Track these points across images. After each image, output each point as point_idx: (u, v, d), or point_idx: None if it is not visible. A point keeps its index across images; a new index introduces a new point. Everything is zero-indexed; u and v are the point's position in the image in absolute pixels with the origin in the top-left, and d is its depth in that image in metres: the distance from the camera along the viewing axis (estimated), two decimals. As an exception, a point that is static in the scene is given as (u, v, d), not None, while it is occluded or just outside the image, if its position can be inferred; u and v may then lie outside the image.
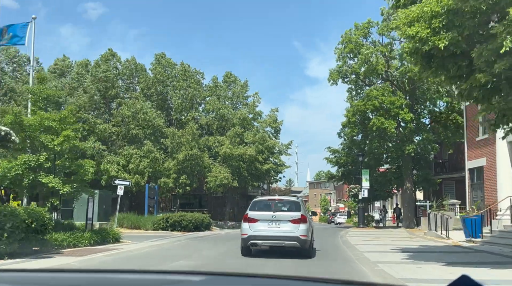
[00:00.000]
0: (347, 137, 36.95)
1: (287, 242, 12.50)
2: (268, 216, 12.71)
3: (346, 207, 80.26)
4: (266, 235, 12.50)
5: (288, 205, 13.66)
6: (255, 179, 35.32)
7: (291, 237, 12.41)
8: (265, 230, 12.55)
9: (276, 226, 12.61)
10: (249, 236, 12.58)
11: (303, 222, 12.69)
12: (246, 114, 35.50)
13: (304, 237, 12.49)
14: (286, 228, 12.56)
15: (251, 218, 12.79)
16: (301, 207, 13.41)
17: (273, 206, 13.45)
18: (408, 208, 34.16)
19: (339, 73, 35.29)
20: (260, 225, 12.61)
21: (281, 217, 12.74)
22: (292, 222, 12.61)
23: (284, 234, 12.46)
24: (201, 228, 28.37)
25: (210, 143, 34.72)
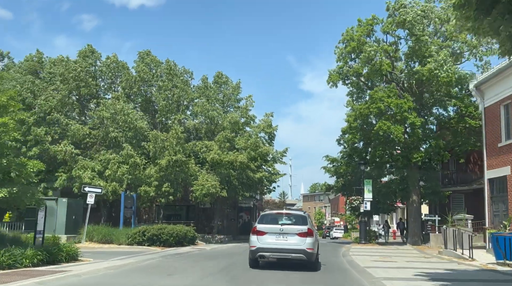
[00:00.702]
0: (347, 144, 33.87)
1: (294, 255, 12.95)
2: (276, 229, 13.18)
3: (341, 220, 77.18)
4: (273, 247, 12.95)
5: (295, 219, 13.95)
6: (246, 188, 32.03)
7: (298, 250, 12.82)
8: (273, 242, 12.99)
9: (284, 239, 13.02)
10: (258, 248, 13.04)
11: (310, 236, 13.08)
12: (237, 118, 32.31)
13: (310, 250, 12.90)
14: (293, 241, 12.98)
15: (259, 230, 13.27)
16: (307, 221, 13.73)
17: (281, 219, 13.88)
18: (415, 223, 31.00)
19: (340, 74, 32.33)
20: (268, 237, 13.07)
21: (288, 230, 13.13)
22: (299, 235, 13.00)
23: (291, 246, 12.90)
24: (184, 243, 25.03)
25: (197, 148, 31.46)
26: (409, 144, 29.62)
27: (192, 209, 38.71)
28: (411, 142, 29.55)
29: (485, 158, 23.05)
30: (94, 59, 33.19)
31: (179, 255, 18.50)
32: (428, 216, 30.45)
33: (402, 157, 29.43)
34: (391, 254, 21.03)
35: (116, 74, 33.71)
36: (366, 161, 31.67)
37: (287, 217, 14.25)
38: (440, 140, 29.45)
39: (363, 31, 31.15)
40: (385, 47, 29.71)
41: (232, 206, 38.72)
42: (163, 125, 31.81)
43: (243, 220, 40.26)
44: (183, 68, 33.34)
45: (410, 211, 31.44)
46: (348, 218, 56.60)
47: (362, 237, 30.60)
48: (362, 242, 30.25)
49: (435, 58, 27.13)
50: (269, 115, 34.72)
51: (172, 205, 38.12)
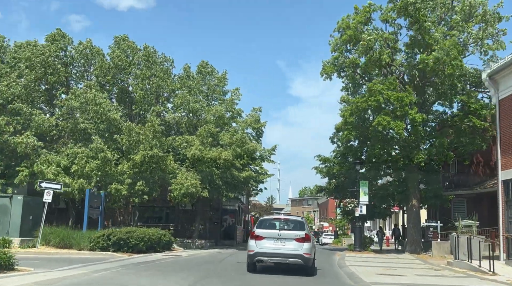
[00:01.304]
0: (341, 142, 31.12)
1: (291, 260, 13.11)
2: (274, 234, 13.35)
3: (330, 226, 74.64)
4: (271, 252, 13.08)
5: (293, 224, 14.15)
6: (231, 188, 29.10)
7: (296, 254, 13.00)
8: (271, 247, 13.12)
9: (282, 244, 13.17)
10: (256, 253, 13.20)
11: (307, 241, 13.27)
12: (223, 112, 29.43)
13: (307, 255, 13.09)
14: (291, 246, 13.14)
15: (258, 235, 13.39)
16: (305, 227, 13.98)
17: (279, 224, 14.18)
18: (414, 229, 28.28)
19: (335, 65, 29.59)
20: (266, 242, 13.21)
21: (286, 235, 13.28)
22: (296, 241, 13.16)
23: (289, 251, 13.06)
24: (157, 248, 22.05)
25: (177, 144, 28.50)
26: (409, 142, 26.94)
27: (172, 211, 35.71)
28: (411, 140, 26.87)
29: (499, 156, 20.42)
30: (65, 44, 30.08)
31: (145, 264, 15.51)
32: (429, 221, 27.79)
33: (403, 157, 26.71)
34: (394, 265, 18.25)
35: (89, 61, 30.65)
36: (362, 160, 28.94)
37: (285, 222, 14.49)
38: (444, 139, 26.82)
39: (360, 19, 28.41)
40: (385, 36, 27.04)
41: (216, 208, 35.76)
42: (140, 118, 28.81)
43: (227, 224, 37.32)
44: (163, 55, 30.44)
45: (409, 216, 28.76)
46: (338, 223, 53.89)
47: (357, 243, 27.82)
48: (357, 249, 27.47)
49: (441, 46, 24.53)
50: (257, 110, 31.93)
51: (150, 206, 35.13)
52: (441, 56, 24.41)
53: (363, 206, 28.00)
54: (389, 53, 26.76)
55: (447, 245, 25.70)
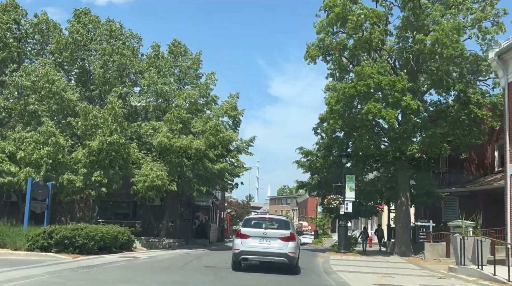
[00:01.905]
0: (326, 133, 28.40)
1: (276, 258, 13.34)
2: (259, 233, 13.58)
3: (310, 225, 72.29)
4: (257, 250, 13.28)
5: (278, 223, 14.38)
6: (203, 182, 26.06)
7: (281, 253, 13.19)
8: (256, 246, 13.33)
9: (267, 243, 13.34)
10: (241, 251, 13.41)
11: (292, 240, 13.46)
12: (196, 96, 26.37)
13: (292, 254, 13.32)
14: (276, 245, 13.31)
15: (243, 234, 13.63)
16: (290, 226, 14.23)
17: (264, 223, 14.58)
18: (404, 229, 25.74)
19: (320, 48, 26.80)
20: (252, 241, 13.42)
21: (271, 234, 13.48)
22: (281, 240, 13.36)
23: (274, 250, 13.24)
24: (113, 249, 18.93)
25: (143, 131, 25.35)
26: (401, 133, 24.36)
27: (140, 206, 32.50)
28: (403, 131, 24.29)
29: (507, 146, 17.89)
30: (18, 15, 26.58)
31: (86, 269, 12.42)
32: (421, 221, 25.25)
33: (394, 149, 24.08)
34: (389, 271, 15.52)
35: (46, 38, 27.21)
36: (348, 153, 26.25)
37: (271, 222, 14.76)
38: (437, 130, 24.33)
39: (349, -3, 25.70)
40: (377, 12, 24.31)
41: (187, 203, 32.67)
42: (103, 102, 25.48)
43: (199, 221, 34.26)
44: (130, 32, 27.12)
45: (398, 215, 26.19)
46: (319, 222, 51.29)
47: (342, 244, 25.10)
48: (341, 251, 24.76)
49: (441, 27, 21.96)
50: (234, 97, 28.95)
51: (113, 201, 31.85)
52: (441, 37, 21.84)
53: (349, 203, 25.32)
54: (381, 31, 24.04)
55: (441, 247, 23.22)
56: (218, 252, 25.28)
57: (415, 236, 26.26)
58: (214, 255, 22.31)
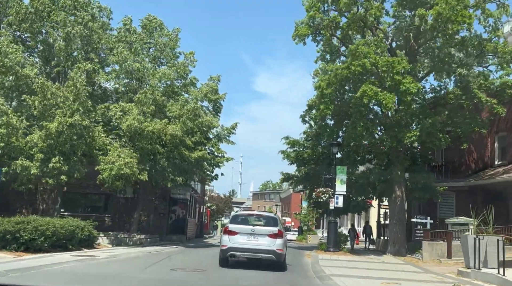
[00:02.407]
0: (315, 120, 26.00)
1: (264, 255, 13.27)
2: (247, 230, 13.49)
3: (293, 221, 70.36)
4: (245, 247, 13.20)
5: (266, 220, 14.26)
6: (179, 172, 23.48)
7: (268, 250, 13.13)
8: (244, 242, 13.25)
9: (255, 240, 13.30)
10: (229, 248, 13.27)
11: (280, 237, 13.40)
12: (172, 76, 23.73)
13: (280, 251, 13.26)
14: (264, 241, 13.26)
15: (231, 230, 13.55)
16: (278, 223, 14.24)
17: (252, 220, 14.35)
18: (398, 226, 23.51)
19: (310, 27, 24.33)
20: (240, 237, 13.36)
21: (259, 231, 13.43)
22: (269, 236, 13.30)
23: (262, 247, 13.17)
24: (68, 246, 16.26)
25: (111, 113, 22.62)
26: (398, 121, 22.09)
27: (112, 199, 29.81)
28: (400, 118, 22.02)
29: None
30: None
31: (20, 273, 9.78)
32: (417, 217, 23.04)
33: (390, 137, 21.76)
34: (392, 275, 13.18)
35: (5, 9, 24.22)
36: (339, 143, 23.90)
37: (258, 218, 14.52)
38: (437, 118, 22.13)
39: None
40: (374, -15, 21.94)
41: (163, 196, 30.05)
42: (64, 78, 22.65)
43: (176, 216, 31.65)
44: (98, 3, 24.24)
45: (392, 211, 23.96)
46: (303, 218, 49.07)
47: (331, 242, 22.73)
48: (330, 250, 22.41)
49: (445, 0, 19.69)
50: (216, 79, 26.32)
51: (82, 193, 29.17)
52: (445, 12, 19.57)
53: (339, 196, 22.99)
54: (379, 7, 21.70)
55: (440, 246, 21.03)
56: (194, 250, 22.74)
57: (411, 233, 24.08)
58: (189, 254, 19.79)
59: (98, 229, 25.92)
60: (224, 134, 27.14)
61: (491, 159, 26.29)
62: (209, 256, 18.79)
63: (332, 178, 23.50)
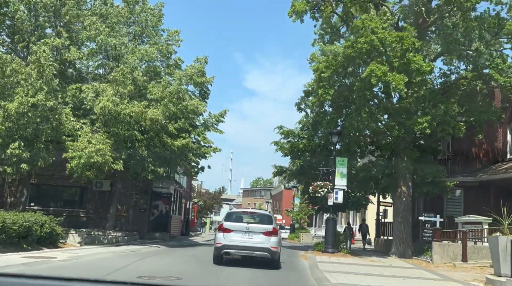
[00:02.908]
0: (312, 108, 23.55)
1: (258, 253, 13.18)
2: (242, 227, 13.36)
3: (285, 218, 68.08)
4: (239, 245, 13.14)
5: (261, 218, 14.31)
6: (161, 162, 20.94)
7: (263, 248, 13.06)
8: (239, 240, 13.16)
9: (249, 237, 13.22)
10: (223, 245, 13.18)
11: (274, 235, 13.36)
12: (154, 54, 21.15)
13: (274, 249, 13.20)
14: (258, 239, 13.19)
15: (226, 228, 13.38)
16: (273, 221, 14.20)
17: (247, 218, 14.43)
18: (404, 225, 21.18)
19: (308, 2, 21.92)
20: (234, 235, 13.21)
21: (254, 229, 13.30)
22: (264, 234, 13.20)
23: (257, 245, 13.10)
24: (23, 245, 13.69)
25: (84, 95, 19.96)
26: (406, 107, 19.69)
27: (89, 192, 27.23)
28: (409, 104, 19.63)
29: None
30: None
31: None
32: (425, 215, 20.69)
33: (397, 124, 19.35)
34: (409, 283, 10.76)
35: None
36: (340, 131, 21.48)
37: (253, 216, 14.69)
38: (452, 105, 19.79)
39: None
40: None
41: (144, 190, 27.47)
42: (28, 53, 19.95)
43: (158, 211, 29.06)
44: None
45: (397, 208, 21.58)
46: (296, 216, 46.69)
47: (329, 242, 20.30)
48: (328, 250, 19.99)
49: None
50: (202, 61, 23.76)
51: (54, 185, 26.60)
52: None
53: (339, 191, 20.60)
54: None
55: (452, 248, 18.72)
56: (176, 250, 20.21)
57: (416, 233, 21.74)
58: (168, 255, 17.28)
59: (72, 225, 23.39)
60: (211, 122, 24.63)
61: (503, 152, 24.09)
62: (191, 258, 16.32)
63: (331, 171, 21.11)
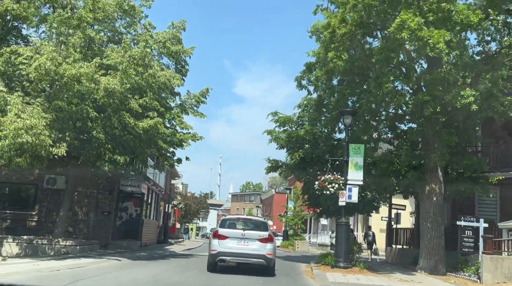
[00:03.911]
0: (317, 84, 18.71)
1: (254, 260, 13.12)
2: (237, 234, 13.35)
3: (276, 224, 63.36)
4: (235, 252, 13.06)
5: (256, 225, 14.20)
6: (122, 149, 16.01)
7: (259, 255, 13.02)
8: (234, 247, 13.09)
9: (245, 244, 13.17)
10: (219, 252, 13.08)
11: (270, 242, 13.35)
12: (112, 8, 16.25)
13: (270, 256, 13.16)
14: (254, 246, 13.15)
15: (221, 234, 13.36)
16: (268, 227, 14.07)
17: (243, 224, 14.32)
18: (434, 232, 16.41)
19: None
20: (230, 242, 13.19)
21: (250, 236, 13.29)
22: (260, 241, 13.20)
23: (252, 252, 13.06)
24: None
25: (19, 59, 14.95)
26: (443, 77, 14.91)
27: (40, 190, 22.21)
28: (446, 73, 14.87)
29: None
30: None
31: None
32: (466, 219, 15.90)
33: (430, 97, 14.58)
34: None
35: None
36: (355, 110, 16.67)
37: (249, 223, 14.52)
38: (499, 76, 15.11)
39: None
40: None
41: (108, 189, 22.39)
42: None
43: (127, 215, 24.00)
44: None
45: (426, 210, 16.75)
46: (290, 221, 41.81)
47: (341, 254, 15.36)
48: (340, 265, 15.11)
49: None
50: (179, 27, 18.90)
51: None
52: None
53: (353, 188, 15.79)
54: None
55: (508, 263, 14.04)
56: (139, 266, 15.14)
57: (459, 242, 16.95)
58: (121, 275, 12.29)
59: (17, 232, 18.65)
60: (191, 104, 19.74)
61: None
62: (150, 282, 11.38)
63: (343, 162, 16.30)
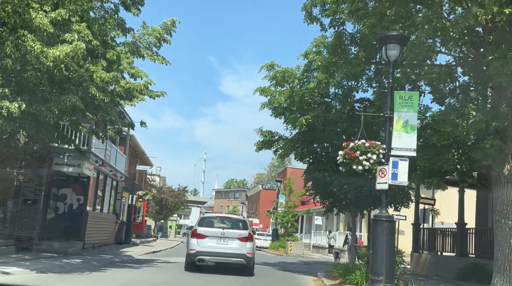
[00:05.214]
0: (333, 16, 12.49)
1: (234, 259, 12.83)
2: (217, 233, 13.05)
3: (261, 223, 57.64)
4: (214, 251, 12.75)
5: (235, 223, 13.97)
6: (18, 90, 9.66)
7: (238, 254, 12.72)
8: (213, 246, 12.78)
9: (224, 243, 12.89)
10: (197, 252, 12.74)
11: (250, 241, 13.06)
12: None
13: (250, 255, 12.86)
14: (234, 245, 12.85)
15: (199, 233, 13.00)
16: (247, 226, 13.85)
17: (222, 223, 14.08)
18: None
19: None
20: (209, 241, 12.86)
21: (229, 234, 12.99)
22: (239, 240, 12.88)
23: (232, 251, 12.76)
24: None
25: None
26: None
27: None
28: None
29: None
30: None
31: None
32: None
33: None
34: None
35: None
36: (406, 35, 10.46)
37: (228, 221, 14.32)
38: None
39: None
40: None
41: (34, 167, 15.88)
42: None
43: (65, 205, 17.58)
44: None
45: (500, 201, 10.64)
46: (282, 218, 35.64)
47: (381, 269, 9.07)
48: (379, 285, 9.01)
49: None
50: None
51: None
52: None
53: (400, 161, 9.59)
54: None
55: None
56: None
57: None
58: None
59: None
60: (148, 42, 13.41)
61: None
62: None
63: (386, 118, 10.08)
